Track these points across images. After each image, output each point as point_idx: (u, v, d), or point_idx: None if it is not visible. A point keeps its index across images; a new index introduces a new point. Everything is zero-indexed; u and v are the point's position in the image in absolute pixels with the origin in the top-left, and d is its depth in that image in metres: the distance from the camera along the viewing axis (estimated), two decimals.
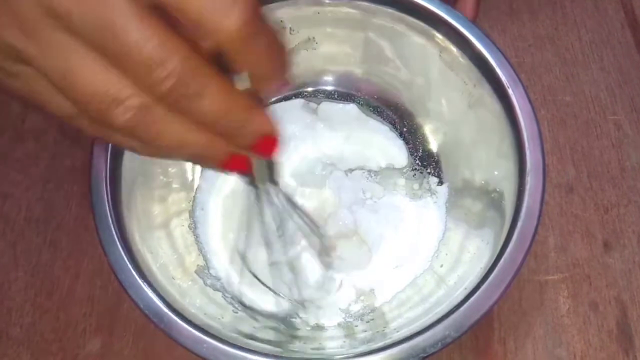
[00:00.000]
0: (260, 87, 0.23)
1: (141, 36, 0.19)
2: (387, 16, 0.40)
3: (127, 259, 0.32)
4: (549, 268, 0.42)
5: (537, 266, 0.42)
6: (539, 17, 0.51)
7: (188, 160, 0.25)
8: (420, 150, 0.45)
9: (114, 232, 0.33)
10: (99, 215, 0.33)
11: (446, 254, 0.41)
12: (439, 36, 0.39)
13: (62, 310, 0.42)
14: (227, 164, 0.24)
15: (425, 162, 0.44)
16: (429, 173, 0.44)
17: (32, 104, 0.23)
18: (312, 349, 0.36)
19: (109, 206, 0.34)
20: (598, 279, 0.42)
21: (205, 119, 0.22)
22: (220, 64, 0.22)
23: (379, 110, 0.46)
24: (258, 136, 0.23)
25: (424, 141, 0.45)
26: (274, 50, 0.22)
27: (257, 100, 0.23)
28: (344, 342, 0.37)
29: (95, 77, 0.20)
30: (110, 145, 0.35)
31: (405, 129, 0.45)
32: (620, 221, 0.44)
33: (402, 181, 0.44)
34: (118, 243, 0.33)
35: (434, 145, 0.45)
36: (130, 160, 0.36)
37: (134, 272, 0.32)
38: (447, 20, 0.38)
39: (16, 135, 0.47)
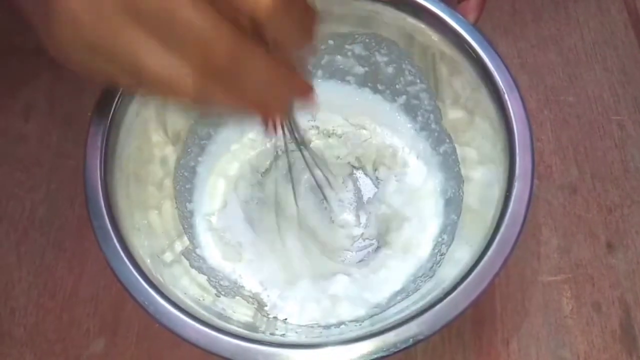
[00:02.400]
0: (292, 52, 0.26)
1: (197, 19, 0.23)
2: (390, 16, 0.40)
3: (121, 247, 0.33)
4: (552, 269, 0.42)
5: (540, 267, 0.42)
6: (542, 17, 0.51)
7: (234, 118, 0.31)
8: None
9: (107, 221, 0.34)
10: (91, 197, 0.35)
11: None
12: (439, 38, 0.39)
13: (66, 311, 0.42)
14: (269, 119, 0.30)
15: None
16: None
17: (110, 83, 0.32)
18: (281, 335, 0.37)
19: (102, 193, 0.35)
20: (601, 280, 0.42)
21: (252, 87, 0.25)
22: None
23: None
24: (297, 95, 0.28)
25: None
26: (306, 17, 0.25)
27: (291, 67, 0.27)
28: (320, 333, 0.38)
29: (159, 62, 0.23)
30: (103, 143, 0.36)
31: None
32: (623, 222, 0.44)
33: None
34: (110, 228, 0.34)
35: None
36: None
37: (129, 263, 0.33)
38: (448, 23, 0.38)
39: (19, 136, 0.47)
